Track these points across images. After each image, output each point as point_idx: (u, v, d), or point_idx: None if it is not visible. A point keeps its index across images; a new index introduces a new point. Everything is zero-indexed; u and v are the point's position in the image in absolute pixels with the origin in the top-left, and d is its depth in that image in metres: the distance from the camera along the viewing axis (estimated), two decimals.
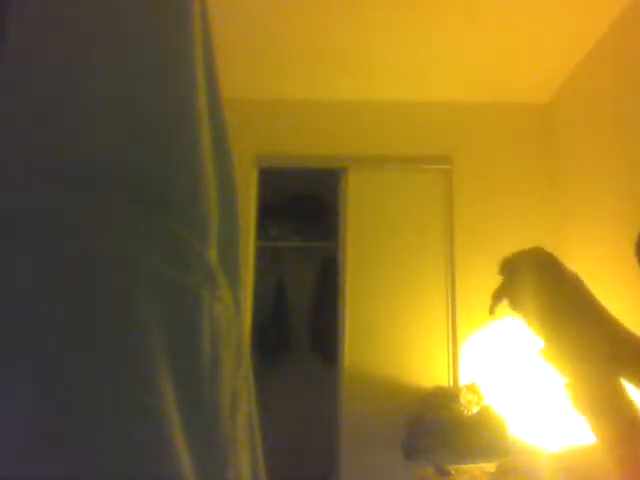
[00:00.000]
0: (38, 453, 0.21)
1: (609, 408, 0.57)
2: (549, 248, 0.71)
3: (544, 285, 0.64)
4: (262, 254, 2.90)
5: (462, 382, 2.46)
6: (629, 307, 1.79)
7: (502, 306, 0.72)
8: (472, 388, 2.36)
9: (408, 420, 2.32)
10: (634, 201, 1.90)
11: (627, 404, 0.55)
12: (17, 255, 0.23)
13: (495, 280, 0.69)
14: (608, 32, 2.11)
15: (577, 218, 2.39)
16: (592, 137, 2.28)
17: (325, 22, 2.15)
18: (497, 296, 0.68)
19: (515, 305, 0.66)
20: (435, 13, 2.07)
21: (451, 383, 2.48)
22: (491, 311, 0.69)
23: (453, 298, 2.56)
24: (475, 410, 2.26)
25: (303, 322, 3.46)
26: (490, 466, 1.71)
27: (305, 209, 3.40)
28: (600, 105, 2.21)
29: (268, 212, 3.07)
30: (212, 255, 0.32)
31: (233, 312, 0.33)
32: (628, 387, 0.57)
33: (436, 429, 2.17)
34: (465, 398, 2.28)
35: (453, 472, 1.70)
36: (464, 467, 1.76)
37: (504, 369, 2.47)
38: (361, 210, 2.66)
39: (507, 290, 0.67)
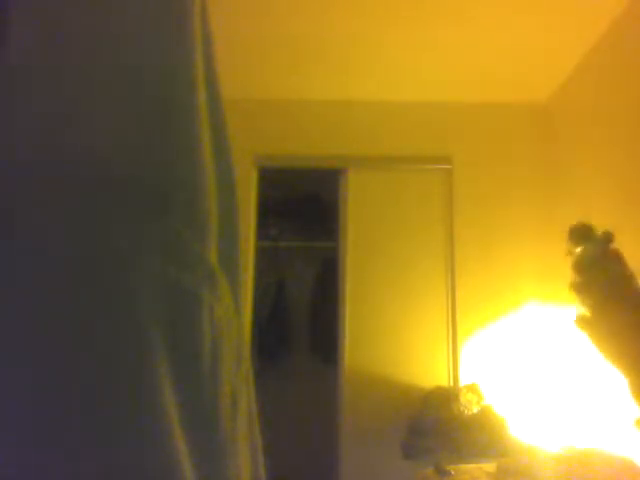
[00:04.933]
0: (38, 452, 0.21)
1: None
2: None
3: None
4: (262, 254, 2.90)
5: (462, 382, 2.46)
6: None
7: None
8: (472, 388, 2.36)
9: (408, 420, 2.32)
10: (635, 201, 1.90)
11: None
12: (17, 255, 0.23)
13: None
14: (608, 32, 2.11)
15: (576, 216, 2.39)
16: (592, 136, 2.28)
17: (325, 22, 2.15)
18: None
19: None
20: (435, 13, 2.07)
21: (451, 383, 2.48)
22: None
23: (453, 298, 2.56)
24: (475, 410, 2.26)
25: (303, 322, 3.46)
26: (490, 466, 1.71)
27: (305, 209, 3.40)
28: (600, 105, 2.21)
29: (268, 212, 3.07)
30: (212, 255, 0.32)
31: (233, 312, 0.33)
32: None
33: (436, 429, 2.17)
34: (465, 398, 2.28)
35: (453, 472, 1.70)
36: (464, 467, 1.76)
37: (504, 369, 2.47)
38: (361, 210, 2.67)
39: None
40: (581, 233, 0.72)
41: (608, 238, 0.68)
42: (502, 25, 2.14)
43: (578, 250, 0.71)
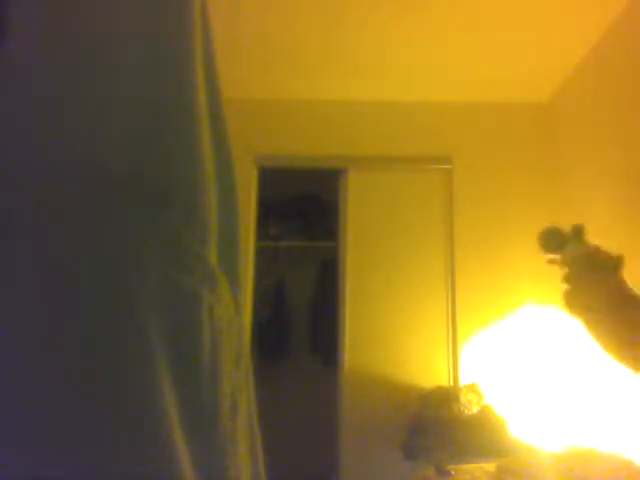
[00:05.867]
0: (38, 453, 0.21)
1: None
2: None
3: None
4: (262, 254, 2.90)
5: (462, 382, 2.46)
6: None
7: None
8: (472, 388, 2.36)
9: (408, 420, 2.32)
10: (635, 200, 1.90)
11: None
12: (17, 255, 0.23)
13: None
14: (608, 32, 2.11)
15: (577, 218, 2.39)
16: (592, 136, 2.28)
17: (325, 22, 2.15)
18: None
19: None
20: (436, 13, 2.07)
21: (451, 383, 2.48)
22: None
23: (453, 298, 2.56)
24: (475, 410, 2.26)
25: (303, 322, 3.46)
26: (490, 466, 1.71)
27: (305, 209, 3.40)
28: (600, 104, 2.21)
29: (268, 212, 3.07)
30: (212, 255, 0.32)
31: (233, 312, 0.33)
32: None
33: (436, 429, 2.17)
34: (465, 398, 2.28)
35: (453, 472, 1.70)
36: (464, 467, 1.76)
37: (504, 369, 2.47)
38: (361, 210, 2.66)
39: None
40: (552, 239, 0.78)
41: (579, 232, 0.75)
42: (502, 25, 2.14)
43: (558, 256, 0.76)
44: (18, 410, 0.21)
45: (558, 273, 0.79)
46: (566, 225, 0.80)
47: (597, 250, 0.74)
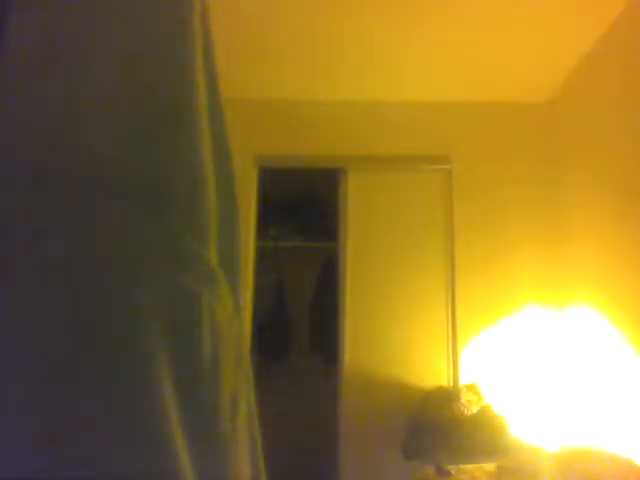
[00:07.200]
0: (39, 452, 0.21)
1: None
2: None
3: None
4: (262, 254, 2.90)
5: (462, 382, 2.46)
6: (628, 305, 1.79)
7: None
8: (472, 388, 2.35)
9: (408, 420, 2.32)
10: (635, 201, 1.90)
11: None
12: (17, 255, 0.23)
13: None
14: (608, 32, 2.11)
15: (577, 217, 2.40)
16: (592, 136, 2.28)
17: (325, 22, 2.15)
18: None
19: None
20: (435, 13, 2.07)
21: (451, 383, 2.48)
22: None
23: (453, 298, 2.56)
24: (475, 410, 2.26)
25: (303, 322, 3.46)
26: (490, 466, 1.71)
27: (305, 209, 3.40)
28: (600, 104, 2.21)
29: (268, 212, 3.06)
30: (212, 255, 0.32)
31: (233, 312, 0.33)
32: None
33: (436, 429, 2.16)
34: (465, 398, 2.28)
35: (453, 472, 1.70)
36: (464, 467, 1.76)
37: (504, 369, 2.47)
38: (361, 210, 2.66)
39: None
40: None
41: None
42: (503, 24, 2.14)
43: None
44: (18, 409, 0.21)
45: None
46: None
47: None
